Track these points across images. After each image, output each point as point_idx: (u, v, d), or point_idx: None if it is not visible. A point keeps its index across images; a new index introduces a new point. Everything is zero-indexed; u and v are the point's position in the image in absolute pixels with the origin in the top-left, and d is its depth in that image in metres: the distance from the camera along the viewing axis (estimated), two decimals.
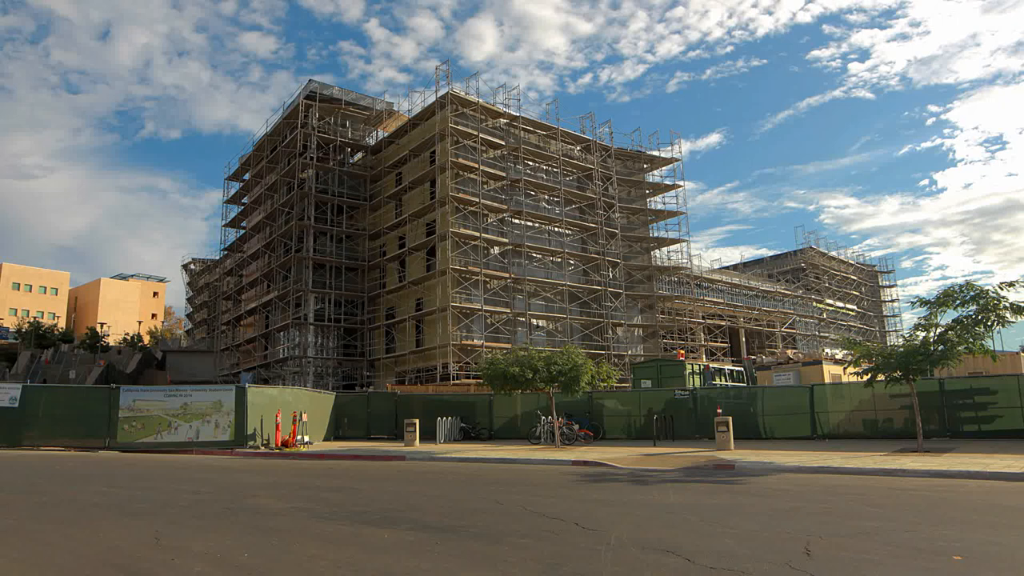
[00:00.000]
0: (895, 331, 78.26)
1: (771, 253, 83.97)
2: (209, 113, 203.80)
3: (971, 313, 15.30)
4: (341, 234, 47.18)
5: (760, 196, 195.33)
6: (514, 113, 45.04)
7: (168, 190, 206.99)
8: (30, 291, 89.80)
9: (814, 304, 68.91)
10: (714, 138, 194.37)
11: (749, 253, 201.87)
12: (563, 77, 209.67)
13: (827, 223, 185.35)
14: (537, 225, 45.19)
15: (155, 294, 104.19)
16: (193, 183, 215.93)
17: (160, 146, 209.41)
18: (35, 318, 74.21)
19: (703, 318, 55.85)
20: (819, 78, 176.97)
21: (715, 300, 59.09)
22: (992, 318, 14.94)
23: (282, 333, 46.65)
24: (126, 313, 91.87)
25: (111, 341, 69.71)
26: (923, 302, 16.33)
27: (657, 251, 53.19)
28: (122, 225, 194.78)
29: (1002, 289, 14.96)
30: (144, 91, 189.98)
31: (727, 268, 70.62)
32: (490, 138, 43.39)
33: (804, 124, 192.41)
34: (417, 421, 23.52)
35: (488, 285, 41.40)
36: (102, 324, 70.76)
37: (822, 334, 66.39)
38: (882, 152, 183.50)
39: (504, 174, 43.48)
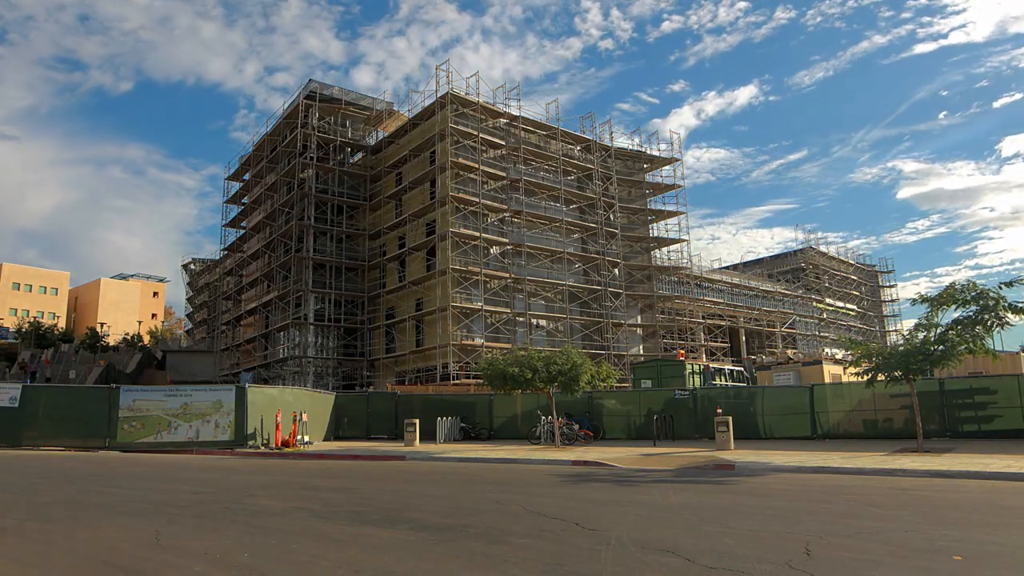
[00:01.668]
0: (895, 331, 78.28)
1: (770, 253, 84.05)
2: (167, 58, 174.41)
3: (971, 313, 15.27)
4: (341, 234, 47.19)
5: (828, 165, 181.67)
6: (514, 113, 45.06)
7: (142, 162, 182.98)
8: (30, 291, 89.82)
9: (814, 304, 68.92)
10: (779, 95, 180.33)
11: (781, 238, 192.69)
12: (644, 23, 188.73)
13: (900, 198, 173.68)
14: (537, 225, 45.20)
15: (155, 294, 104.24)
16: (168, 152, 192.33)
17: (113, 103, 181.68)
18: (35, 318, 74.21)
19: (703, 318, 55.86)
20: (934, 13, 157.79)
21: (715, 300, 59.08)
22: (992, 318, 14.93)
23: (282, 333, 46.66)
24: (126, 313, 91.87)
25: (111, 341, 69.69)
26: (924, 299, 16.30)
27: (657, 251, 53.21)
28: (96, 206, 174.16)
29: (1002, 289, 14.96)
30: (81, 31, 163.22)
31: (727, 268, 70.66)
32: (490, 138, 43.39)
33: (890, 76, 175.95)
34: (417, 421, 23.51)
35: (488, 285, 41.40)
36: (102, 324, 70.73)
37: (822, 334, 66.39)
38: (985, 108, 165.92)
39: (504, 174, 43.49)
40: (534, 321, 43.62)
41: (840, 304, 73.31)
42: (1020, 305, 14.81)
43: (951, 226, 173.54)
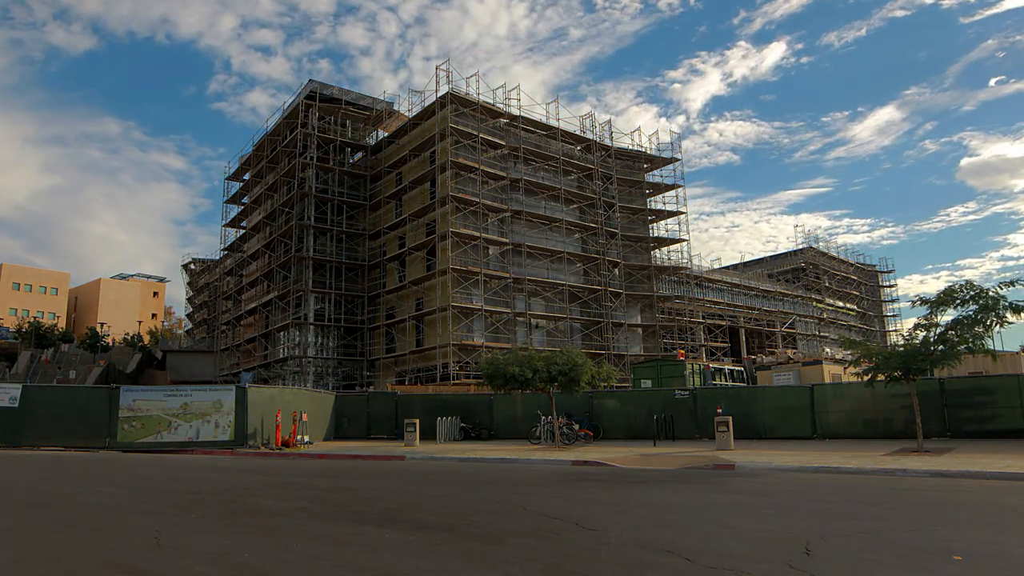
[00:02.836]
0: (895, 331, 78.31)
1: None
2: (132, 11, 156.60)
3: (971, 313, 15.28)
4: (341, 234, 47.21)
5: (872, 139, 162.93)
6: (515, 112, 45.06)
7: (120, 139, 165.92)
8: (30, 291, 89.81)
9: (814, 304, 68.91)
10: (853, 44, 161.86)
11: (808, 226, 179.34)
12: None
13: (944, 178, 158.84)
14: (537, 225, 45.20)
15: (155, 294, 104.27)
16: (148, 130, 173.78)
17: (74, 67, 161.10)
18: (35, 318, 74.23)
19: (703, 318, 55.85)
20: None
21: (715, 300, 59.09)
22: (992, 318, 14.93)
23: (282, 333, 46.66)
24: (126, 313, 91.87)
25: (111, 341, 69.72)
26: (924, 301, 16.32)
27: (657, 251, 53.21)
28: (77, 194, 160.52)
29: (1002, 289, 14.97)
30: None
31: (727, 268, 70.73)
32: (490, 138, 43.40)
33: (952, 34, 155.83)
34: (417, 421, 23.50)
35: (488, 285, 41.40)
36: (102, 324, 70.75)
37: (822, 334, 66.39)
38: None
39: (504, 174, 43.49)
40: (534, 321, 43.63)
41: (840, 304, 73.31)
42: (1021, 305, 14.82)
43: (983, 213, 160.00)
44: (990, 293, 15.04)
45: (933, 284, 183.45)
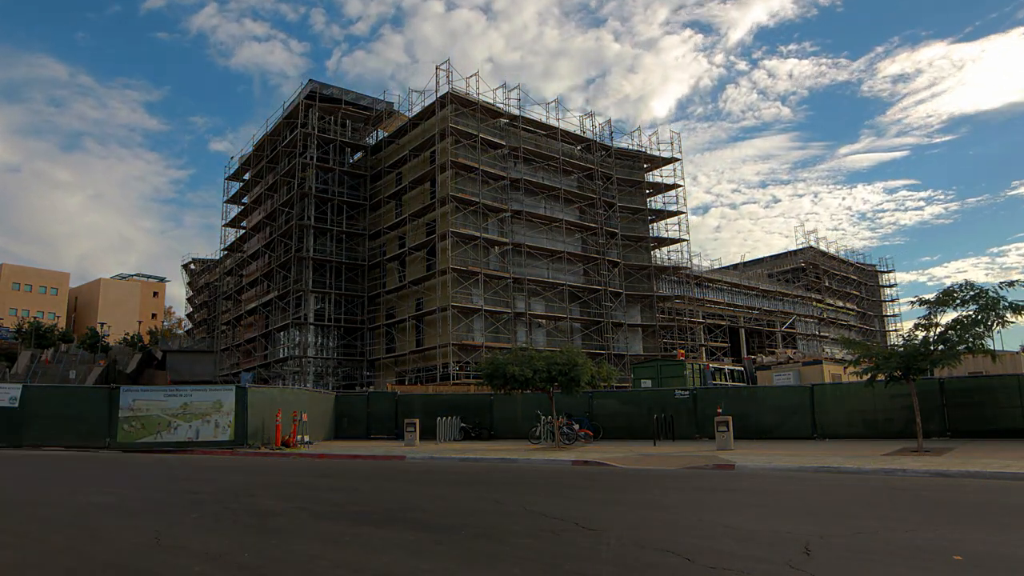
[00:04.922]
0: (895, 331, 78.33)
1: (772, 253, 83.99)
2: None
3: (971, 312, 15.30)
4: (341, 234, 47.23)
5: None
6: (515, 112, 45.06)
7: (68, 86, 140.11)
8: (30, 291, 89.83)
9: (814, 304, 68.91)
10: None
11: (852, 202, 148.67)
12: None
13: None
14: (537, 225, 45.20)
15: (155, 294, 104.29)
16: (98, 75, 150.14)
17: None
18: (35, 318, 74.26)
19: (703, 318, 55.86)
20: None
21: (715, 300, 59.08)
22: (992, 318, 14.94)
23: (282, 333, 46.67)
24: (126, 313, 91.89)
25: (111, 341, 69.73)
26: (923, 301, 16.35)
27: (657, 251, 53.21)
28: (32, 161, 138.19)
29: (1002, 289, 14.99)
30: None
31: (727, 268, 70.77)
32: (490, 138, 43.40)
33: None
34: (417, 421, 23.50)
35: (488, 285, 41.41)
36: (102, 324, 70.76)
37: (822, 334, 66.39)
38: None
39: (504, 174, 43.49)
40: (534, 321, 43.64)
41: (840, 304, 73.32)
42: (1021, 305, 14.83)
43: None
44: (989, 293, 15.06)
45: (972, 275, 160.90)
